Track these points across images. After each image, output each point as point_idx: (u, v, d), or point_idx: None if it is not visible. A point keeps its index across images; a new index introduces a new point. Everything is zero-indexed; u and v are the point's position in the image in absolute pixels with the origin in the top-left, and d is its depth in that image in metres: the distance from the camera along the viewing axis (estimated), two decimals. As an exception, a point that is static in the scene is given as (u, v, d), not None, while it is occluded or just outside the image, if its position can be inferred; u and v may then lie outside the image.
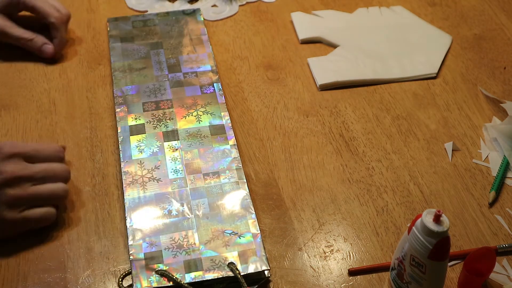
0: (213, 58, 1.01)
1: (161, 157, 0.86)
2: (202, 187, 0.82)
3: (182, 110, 0.92)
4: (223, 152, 0.86)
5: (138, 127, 0.90)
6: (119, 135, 0.88)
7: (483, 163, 0.89)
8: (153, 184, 0.83)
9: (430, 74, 1.01)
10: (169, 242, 0.77)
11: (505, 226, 0.82)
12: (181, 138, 0.88)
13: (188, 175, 0.84)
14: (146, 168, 0.84)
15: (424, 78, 1.00)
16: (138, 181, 0.83)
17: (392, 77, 1.00)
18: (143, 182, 0.83)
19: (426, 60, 1.03)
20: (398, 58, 1.03)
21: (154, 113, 0.91)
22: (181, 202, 0.81)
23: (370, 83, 0.99)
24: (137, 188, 0.82)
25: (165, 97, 0.94)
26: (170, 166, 0.85)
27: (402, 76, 1.00)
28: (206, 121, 0.91)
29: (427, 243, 0.66)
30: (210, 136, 0.89)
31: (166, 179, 0.83)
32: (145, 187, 0.82)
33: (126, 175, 0.84)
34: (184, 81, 0.97)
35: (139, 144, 0.87)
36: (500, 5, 1.14)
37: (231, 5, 1.11)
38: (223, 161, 0.85)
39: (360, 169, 0.88)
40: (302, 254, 0.79)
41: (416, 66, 1.02)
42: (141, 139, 0.88)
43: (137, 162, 0.85)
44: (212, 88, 0.96)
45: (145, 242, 0.77)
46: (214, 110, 0.92)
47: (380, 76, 1.00)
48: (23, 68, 0.99)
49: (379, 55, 1.03)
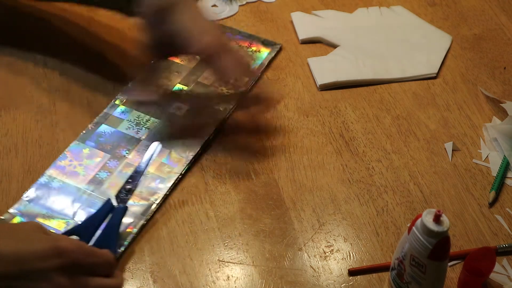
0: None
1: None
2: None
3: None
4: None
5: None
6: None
7: (483, 163, 0.89)
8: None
9: (430, 74, 1.01)
10: None
11: (505, 226, 0.82)
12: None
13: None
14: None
15: (424, 78, 1.00)
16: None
17: (392, 77, 1.00)
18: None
19: (426, 60, 1.03)
20: (398, 58, 1.03)
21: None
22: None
23: (370, 83, 0.99)
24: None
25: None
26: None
27: (402, 76, 1.00)
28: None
29: (427, 243, 0.66)
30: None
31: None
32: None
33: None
34: None
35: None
36: (500, 5, 1.14)
37: (231, 5, 1.11)
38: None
39: (360, 169, 0.88)
40: (302, 254, 0.79)
41: (416, 66, 1.02)
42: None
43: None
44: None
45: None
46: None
47: (380, 76, 1.00)
48: (23, 68, 0.99)
49: (379, 55, 1.03)
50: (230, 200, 0.84)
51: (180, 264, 0.77)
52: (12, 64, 1.00)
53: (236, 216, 0.82)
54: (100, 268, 0.72)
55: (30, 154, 0.87)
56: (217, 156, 0.89)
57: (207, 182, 0.86)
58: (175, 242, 0.79)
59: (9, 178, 0.85)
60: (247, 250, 0.79)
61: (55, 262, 0.67)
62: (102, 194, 0.82)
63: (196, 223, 0.82)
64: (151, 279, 0.76)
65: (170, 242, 0.79)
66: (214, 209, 0.83)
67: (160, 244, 0.79)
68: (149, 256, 0.78)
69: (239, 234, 0.81)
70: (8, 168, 0.86)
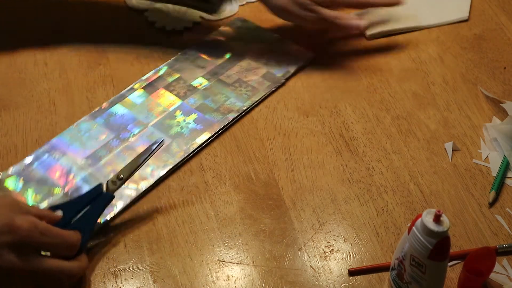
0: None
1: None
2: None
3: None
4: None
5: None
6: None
7: (483, 163, 0.89)
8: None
9: (462, 18, 1.10)
10: None
11: (505, 226, 0.82)
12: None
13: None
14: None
15: (457, 22, 1.10)
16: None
17: (430, 23, 1.09)
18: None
19: (457, 5, 1.12)
20: (431, 6, 1.11)
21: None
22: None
23: (412, 30, 1.08)
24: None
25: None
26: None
27: (438, 22, 1.10)
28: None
29: (427, 243, 0.66)
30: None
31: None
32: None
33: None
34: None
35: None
36: (500, 5, 1.14)
37: (231, 5, 1.11)
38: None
39: (360, 169, 0.88)
40: (302, 254, 0.79)
41: (449, 12, 1.11)
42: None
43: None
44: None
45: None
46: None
47: (419, 23, 1.09)
48: (23, 68, 0.99)
49: (413, 5, 1.10)
50: (230, 200, 0.84)
51: (180, 264, 0.77)
52: (12, 64, 1.00)
53: (236, 216, 0.82)
54: (59, 249, 0.71)
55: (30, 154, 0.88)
56: (217, 156, 0.89)
57: (207, 182, 0.86)
58: (175, 242, 0.79)
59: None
60: (247, 250, 0.79)
61: (5, 239, 0.67)
62: (98, 171, 0.85)
63: (196, 223, 0.82)
64: (151, 279, 0.76)
65: (170, 242, 0.79)
66: (214, 209, 0.83)
67: (160, 244, 0.79)
68: (149, 256, 0.78)
69: (239, 234, 0.81)
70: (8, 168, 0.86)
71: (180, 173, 0.87)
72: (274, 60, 1.01)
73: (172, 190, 0.85)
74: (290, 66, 1.00)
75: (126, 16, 1.08)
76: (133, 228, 0.81)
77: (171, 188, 0.85)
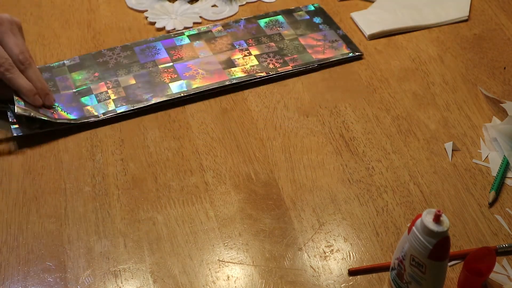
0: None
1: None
2: None
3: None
4: None
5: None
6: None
7: (483, 163, 0.89)
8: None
9: (462, 17, 1.11)
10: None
11: (505, 226, 0.82)
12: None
13: None
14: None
15: (457, 21, 1.10)
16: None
17: (429, 23, 1.09)
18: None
19: (456, 5, 1.12)
20: (430, 6, 1.12)
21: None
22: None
23: (411, 30, 1.08)
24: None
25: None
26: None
27: (438, 22, 1.09)
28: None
29: (427, 243, 0.66)
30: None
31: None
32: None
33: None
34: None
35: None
36: (500, 5, 1.14)
37: (231, 5, 1.11)
38: None
39: (360, 169, 0.88)
40: (302, 254, 0.79)
41: (448, 11, 1.11)
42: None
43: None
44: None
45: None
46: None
47: (418, 23, 1.09)
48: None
49: (413, 5, 1.12)
50: (230, 200, 0.84)
51: (180, 264, 0.77)
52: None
53: (236, 216, 0.82)
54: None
55: (31, 154, 0.88)
56: (217, 156, 0.89)
57: (207, 182, 0.86)
58: (175, 242, 0.79)
59: (9, 178, 0.85)
60: (247, 250, 0.79)
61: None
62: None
63: (196, 223, 0.82)
64: (151, 279, 0.76)
65: (170, 242, 0.79)
66: (214, 209, 0.83)
67: (160, 244, 0.79)
68: (149, 256, 0.78)
69: (239, 234, 0.81)
70: (8, 168, 0.86)
71: (180, 173, 0.87)
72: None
73: (172, 190, 0.85)
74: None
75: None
76: (133, 228, 0.81)
77: (171, 188, 0.85)
